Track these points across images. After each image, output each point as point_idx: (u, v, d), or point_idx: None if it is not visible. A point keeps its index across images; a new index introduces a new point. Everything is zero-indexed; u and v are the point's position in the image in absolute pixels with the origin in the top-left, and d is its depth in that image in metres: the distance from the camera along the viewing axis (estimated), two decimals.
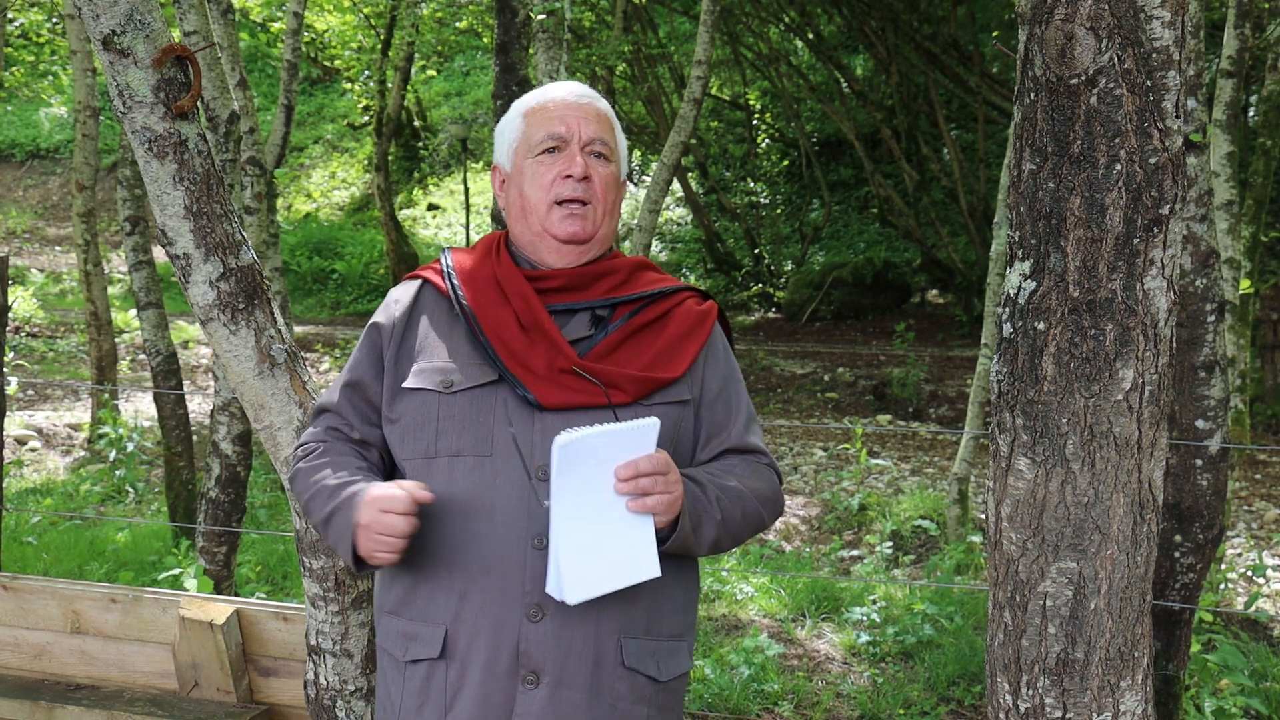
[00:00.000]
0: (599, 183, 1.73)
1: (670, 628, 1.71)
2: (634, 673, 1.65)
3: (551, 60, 5.79)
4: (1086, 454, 1.45)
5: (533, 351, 1.65)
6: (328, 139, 21.30)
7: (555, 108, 1.75)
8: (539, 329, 1.67)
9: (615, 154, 1.77)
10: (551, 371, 1.64)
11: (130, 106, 1.86)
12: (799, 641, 4.71)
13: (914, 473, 7.93)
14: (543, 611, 1.59)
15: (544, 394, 1.62)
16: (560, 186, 1.71)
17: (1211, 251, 2.75)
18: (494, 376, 1.65)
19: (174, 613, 2.45)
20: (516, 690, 1.60)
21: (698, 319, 1.76)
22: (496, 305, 1.70)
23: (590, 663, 1.61)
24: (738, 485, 1.70)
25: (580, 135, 1.73)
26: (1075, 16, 1.38)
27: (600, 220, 1.74)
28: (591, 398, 1.64)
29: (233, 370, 2.01)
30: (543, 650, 1.59)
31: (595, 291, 1.73)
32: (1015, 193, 1.48)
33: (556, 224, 1.71)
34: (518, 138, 1.77)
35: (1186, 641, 2.86)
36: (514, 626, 1.59)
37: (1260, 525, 6.63)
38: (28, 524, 6.18)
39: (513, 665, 1.59)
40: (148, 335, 5.82)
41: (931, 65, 13.29)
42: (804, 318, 13.95)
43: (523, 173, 1.75)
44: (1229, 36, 5.09)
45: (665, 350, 1.71)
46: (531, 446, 1.61)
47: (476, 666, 1.60)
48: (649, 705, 1.67)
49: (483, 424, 1.63)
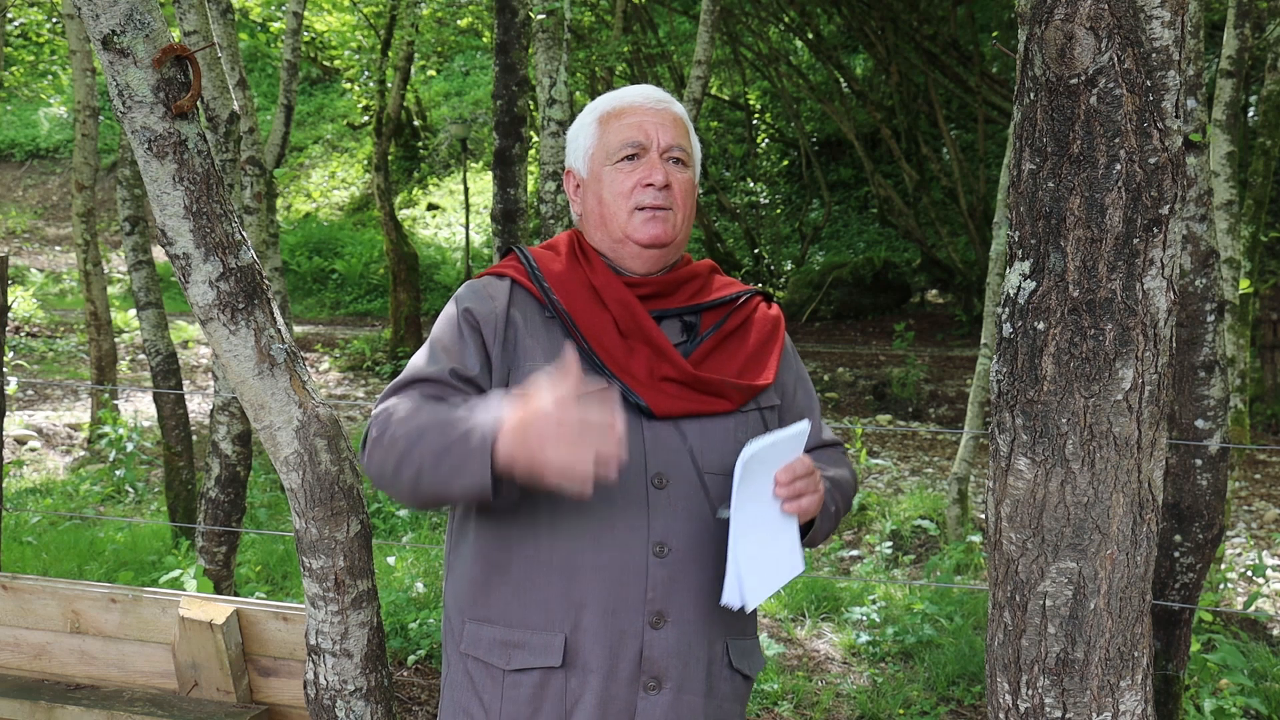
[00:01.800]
0: (678, 189, 1.73)
1: (753, 626, 1.77)
2: (736, 673, 1.69)
3: (551, 60, 5.79)
4: (1086, 454, 1.45)
5: (633, 358, 1.65)
6: (328, 139, 21.31)
7: (633, 113, 1.74)
8: (641, 336, 1.67)
9: (692, 159, 1.77)
10: (654, 379, 1.64)
11: (130, 106, 1.86)
12: (799, 641, 4.71)
13: (914, 473, 7.93)
14: (664, 619, 1.60)
15: (654, 402, 1.63)
16: (641, 194, 1.70)
17: (1211, 251, 2.75)
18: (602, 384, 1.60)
19: (174, 613, 2.45)
20: (638, 697, 1.61)
21: (773, 325, 1.80)
22: (594, 311, 1.68)
23: (705, 666, 1.64)
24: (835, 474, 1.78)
25: (659, 142, 1.72)
26: (1075, 16, 1.38)
27: (680, 224, 1.73)
28: (698, 405, 1.65)
29: (233, 370, 2.01)
30: (665, 656, 1.61)
31: (680, 297, 1.74)
32: (1015, 193, 1.48)
33: (639, 228, 1.70)
34: (593, 144, 1.76)
35: (1186, 641, 2.86)
36: (637, 634, 1.60)
37: (1260, 525, 6.63)
38: (27, 524, 6.18)
39: (634, 672, 1.60)
40: (147, 335, 5.82)
41: (931, 65, 13.30)
42: (804, 318, 13.95)
43: (601, 179, 1.74)
44: (1229, 36, 5.09)
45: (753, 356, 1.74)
46: (644, 454, 1.61)
47: (598, 674, 1.60)
48: (740, 703, 1.73)
49: None
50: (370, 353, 12.25)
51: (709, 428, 1.64)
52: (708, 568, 1.63)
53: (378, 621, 2.16)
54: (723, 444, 1.66)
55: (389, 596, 4.66)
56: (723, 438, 1.66)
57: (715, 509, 1.63)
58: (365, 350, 12.28)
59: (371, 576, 2.15)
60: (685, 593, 1.61)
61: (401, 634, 4.37)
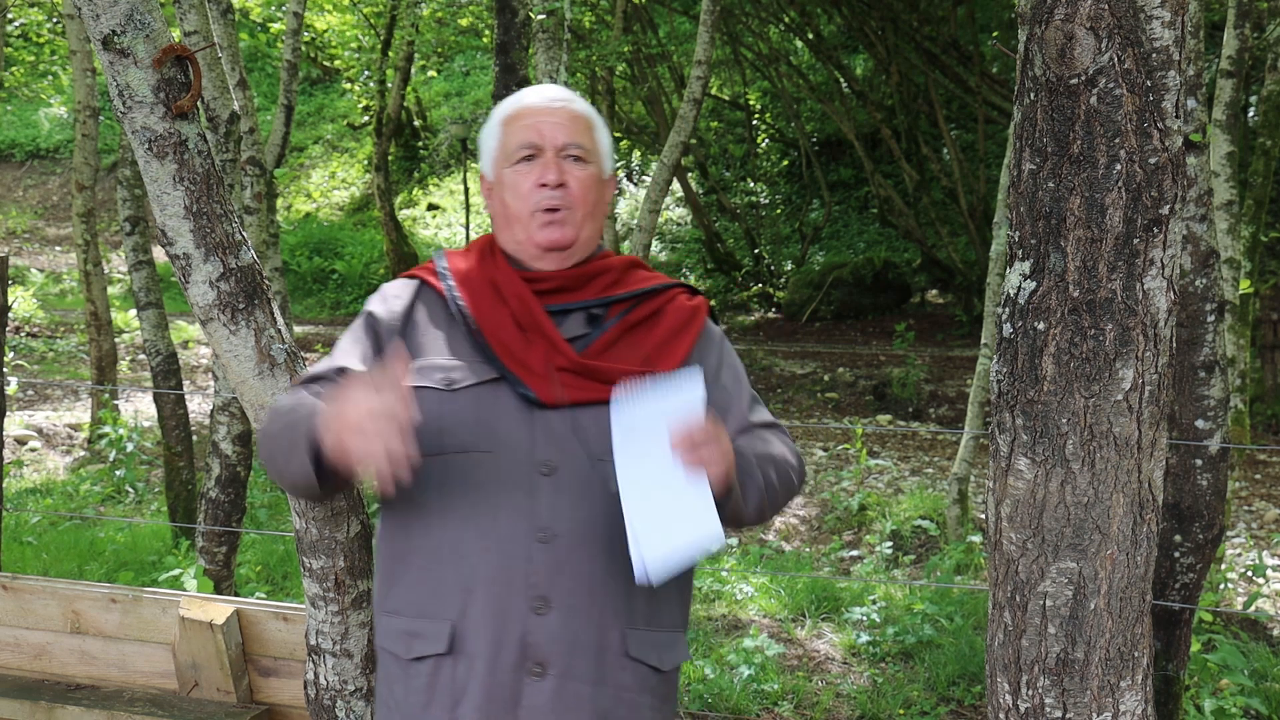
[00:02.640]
0: (576, 187, 1.73)
1: (670, 619, 1.74)
2: (637, 663, 1.67)
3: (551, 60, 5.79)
4: (1086, 454, 1.45)
5: (531, 351, 1.67)
6: (328, 139, 21.30)
7: (529, 114, 1.76)
8: (536, 328, 1.69)
9: (594, 154, 1.77)
10: (549, 369, 1.66)
11: (130, 106, 1.86)
12: (799, 641, 4.71)
13: (914, 473, 7.93)
14: (548, 605, 1.61)
15: (544, 391, 1.65)
16: (537, 195, 1.72)
17: (1211, 251, 2.75)
18: (494, 375, 1.66)
19: (174, 613, 2.45)
20: (523, 683, 1.61)
21: (689, 313, 1.79)
22: (493, 306, 1.71)
23: (595, 654, 1.63)
24: (767, 451, 1.74)
25: (555, 141, 1.74)
26: (1075, 16, 1.38)
27: (581, 224, 1.75)
28: (591, 394, 1.66)
29: (233, 370, 2.01)
30: (549, 643, 1.61)
31: (590, 291, 1.76)
32: (1015, 193, 1.48)
33: (538, 232, 1.73)
34: (496, 146, 1.79)
35: (1186, 641, 2.86)
36: (520, 620, 1.61)
37: (1260, 525, 6.63)
38: (27, 524, 6.18)
39: (519, 658, 1.61)
40: (148, 335, 5.82)
41: (931, 65, 13.30)
42: (804, 318, 13.94)
43: (503, 182, 1.77)
44: (1229, 36, 5.09)
45: (660, 345, 1.74)
46: (533, 443, 1.64)
47: (483, 660, 1.61)
48: (652, 695, 1.71)
49: (484, 422, 1.64)
50: None
51: (603, 416, 1.63)
52: (598, 555, 1.63)
53: None
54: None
55: None
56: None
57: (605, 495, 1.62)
58: None
59: (371, 576, 2.15)
60: (572, 579, 1.61)
61: None
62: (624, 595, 1.65)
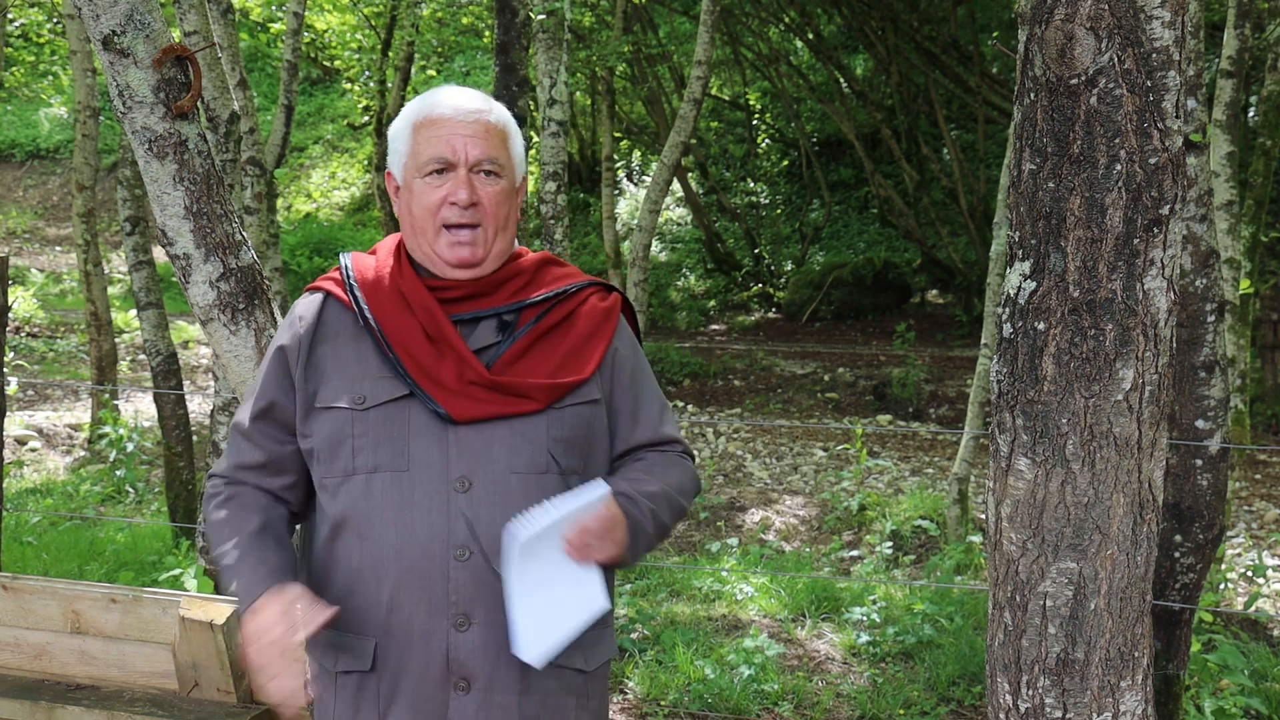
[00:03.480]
0: (488, 202, 1.69)
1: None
2: (561, 669, 1.68)
3: (551, 60, 5.79)
4: (1086, 454, 1.45)
5: (441, 364, 1.65)
6: (328, 139, 21.30)
7: (442, 125, 1.70)
8: (445, 341, 1.67)
9: (507, 167, 1.73)
10: (462, 384, 1.64)
11: (130, 106, 1.86)
12: (799, 641, 4.71)
13: (914, 473, 7.93)
14: (469, 620, 1.62)
15: (455, 408, 1.63)
16: (446, 211, 1.68)
17: (1211, 251, 2.75)
18: (405, 391, 1.64)
19: (174, 613, 2.45)
20: (450, 696, 1.63)
21: (602, 316, 1.76)
22: (402, 317, 1.68)
23: (518, 665, 1.63)
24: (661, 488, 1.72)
25: (467, 157, 1.68)
26: (1075, 16, 1.38)
27: (492, 239, 1.71)
28: (502, 408, 1.64)
29: (233, 370, 2.01)
30: (471, 657, 1.62)
31: (500, 296, 1.72)
32: (1015, 193, 1.48)
33: (445, 249, 1.69)
34: (407, 151, 1.73)
35: (1186, 641, 2.86)
36: (442, 636, 1.62)
37: (1260, 525, 6.63)
38: (27, 524, 6.18)
39: (444, 673, 1.62)
40: (148, 335, 5.82)
41: (931, 65, 13.30)
42: (804, 318, 13.95)
43: (412, 190, 1.72)
44: (1229, 36, 5.09)
45: (572, 351, 1.71)
46: (447, 460, 1.63)
47: (408, 676, 1.63)
48: (576, 695, 1.71)
49: (398, 439, 1.63)
50: None
51: (518, 428, 1.64)
52: None
53: None
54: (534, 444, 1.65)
55: None
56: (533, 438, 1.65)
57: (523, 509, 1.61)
58: None
59: None
60: (492, 594, 1.61)
61: None
62: None
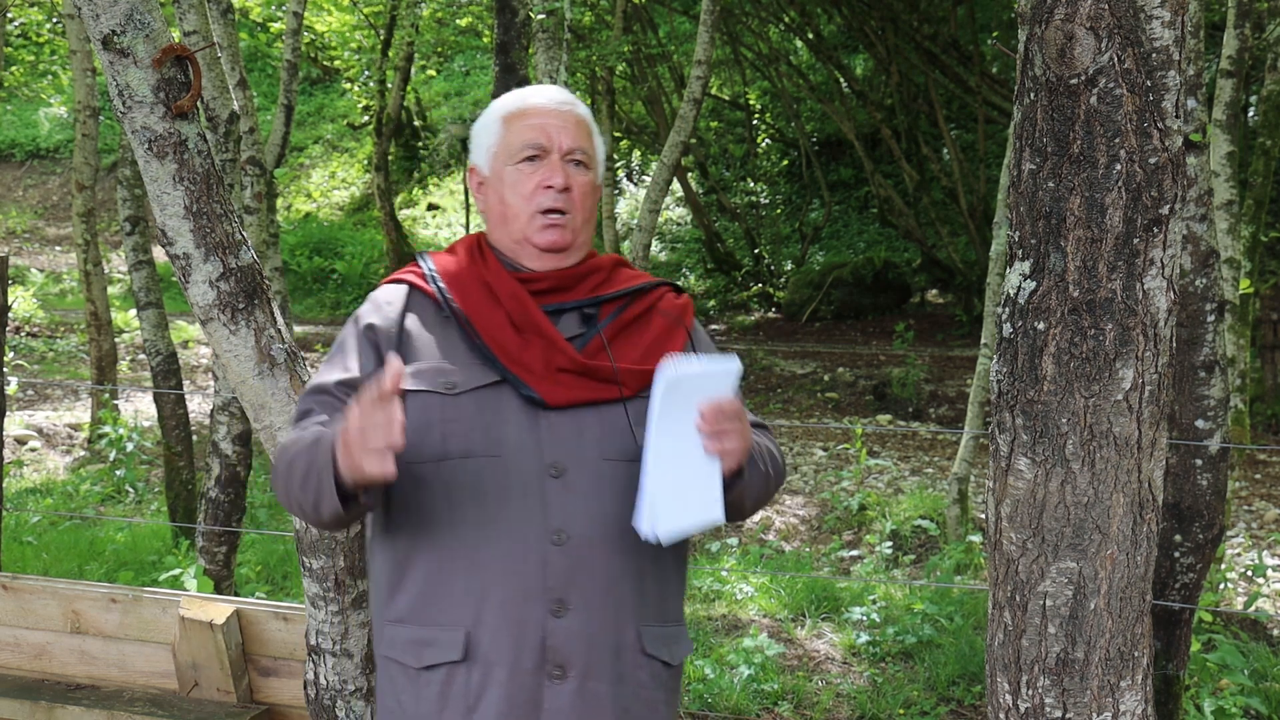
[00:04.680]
0: (578, 192, 1.74)
1: (675, 612, 1.75)
2: (652, 659, 1.68)
3: (551, 60, 5.79)
4: (1086, 454, 1.45)
5: (528, 351, 1.67)
6: (328, 139, 21.30)
7: (535, 114, 1.75)
8: (534, 329, 1.68)
9: (594, 161, 1.78)
10: (550, 370, 1.66)
11: (130, 106, 1.86)
12: (799, 641, 4.71)
13: (914, 473, 7.93)
14: (565, 606, 1.61)
15: (548, 392, 1.64)
16: (541, 196, 1.72)
17: (1211, 251, 2.75)
18: (495, 378, 1.65)
19: (174, 613, 2.45)
20: (543, 686, 1.61)
21: (679, 311, 1.81)
22: (488, 307, 1.70)
23: (612, 653, 1.63)
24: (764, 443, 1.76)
25: (561, 145, 1.73)
26: (1075, 16, 1.38)
27: (579, 228, 1.75)
28: (593, 393, 1.66)
29: (233, 370, 2.01)
30: (568, 644, 1.61)
31: (581, 290, 1.75)
32: (1015, 193, 1.48)
33: (537, 233, 1.72)
34: (496, 143, 1.77)
35: (1186, 641, 2.86)
36: (538, 623, 1.60)
37: (1260, 525, 6.62)
38: (27, 524, 6.18)
39: (539, 661, 1.60)
40: (148, 335, 5.82)
41: (931, 65, 13.30)
42: (804, 318, 13.94)
43: (502, 179, 1.75)
44: (1229, 36, 5.09)
45: (654, 343, 1.74)
46: (539, 445, 1.63)
47: (502, 666, 1.60)
48: (664, 690, 1.71)
49: (489, 425, 1.63)
50: None
51: (607, 415, 1.65)
52: (612, 554, 1.63)
53: None
54: (622, 431, 1.66)
55: None
56: (622, 425, 1.66)
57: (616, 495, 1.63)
58: None
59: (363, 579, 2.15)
60: (588, 580, 1.61)
61: None
62: (637, 592, 1.66)
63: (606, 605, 1.63)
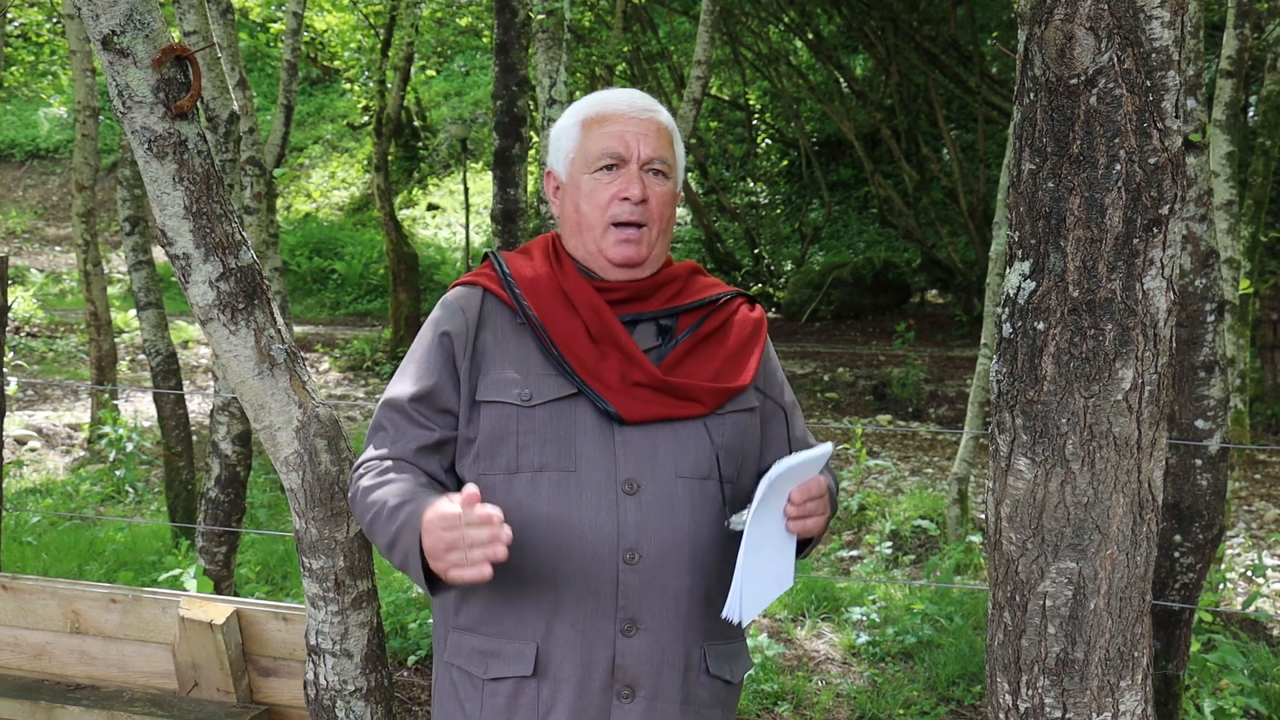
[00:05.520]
0: (655, 203, 1.70)
1: (737, 630, 1.73)
2: (715, 678, 1.67)
3: (551, 60, 5.79)
4: (1086, 454, 1.45)
5: (604, 364, 1.64)
6: (327, 139, 21.30)
7: (615, 120, 1.70)
8: (612, 341, 1.65)
9: (673, 169, 1.74)
10: (625, 384, 1.63)
11: (130, 106, 1.86)
12: (798, 641, 4.71)
13: (914, 473, 7.92)
14: (636, 626, 1.59)
15: (624, 408, 1.61)
16: (617, 208, 1.68)
17: (1211, 251, 2.75)
18: (572, 390, 1.62)
19: (174, 613, 2.45)
20: (611, 705, 1.60)
21: (754, 327, 1.79)
22: (565, 316, 1.66)
23: (681, 673, 1.62)
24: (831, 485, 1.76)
25: (640, 154, 1.69)
26: (1075, 16, 1.38)
27: (655, 241, 1.71)
28: (669, 410, 1.63)
29: (233, 370, 2.01)
30: (638, 664, 1.59)
31: (657, 300, 1.72)
32: (1015, 193, 1.48)
33: (611, 247, 1.69)
34: (574, 148, 1.73)
35: (1186, 641, 2.86)
36: (609, 642, 1.59)
37: (1260, 525, 6.63)
38: (27, 524, 6.18)
39: (608, 680, 1.59)
40: (147, 335, 5.82)
41: (931, 65, 13.30)
42: (804, 318, 13.95)
43: (579, 186, 1.71)
44: (1229, 36, 5.09)
45: (730, 359, 1.72)
46: (614, 461, 1.60)
47: (570, 683, 1.59)
48: (723, 708, 1.70)
49: (564, 438, 1.60)
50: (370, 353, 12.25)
51: (682, 432, 1.63)
52: (681, 574, 1.61)
53: (378, 622, 2.16)
54: (697, 448, 1.64)
55: (389, 597, 4.66)
56: (697, 442, 1.64)
57: (689, 514, 1.62)
58: (365, 350, 12.28)
59: (371, 577, 2.15)
60: (658, 599, 1.60)
61: (401, 634, 4.37)
62: (704, 612, 1.64)
63: (676, 625, 1.61)
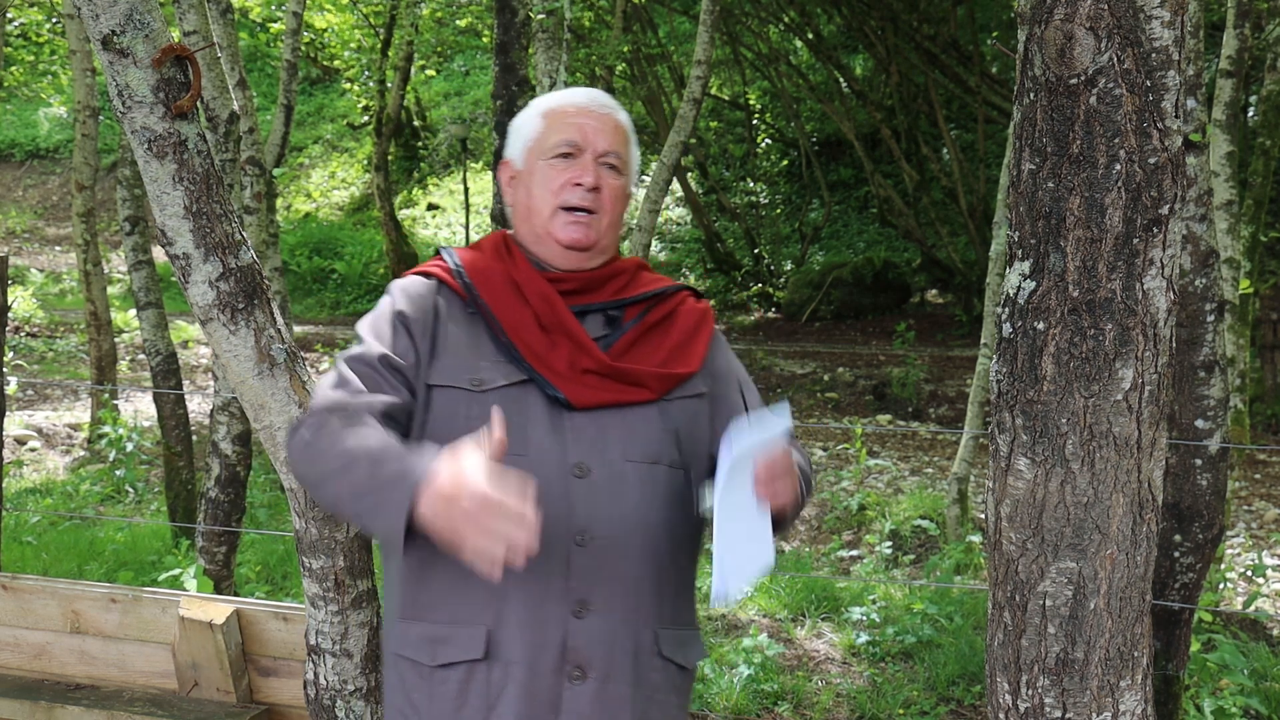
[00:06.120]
0: (608, 194, 1.74)
1: (690, 616, 1.77)
2: (668, 662, 1.68)
3: (551, 60, 5.79)
4: (1086, 454, 1.45)
5: (554, 352, 1.67)
6: (327, 139, 21.30)
7: (575, 113, 1.76)
8: (562, 330, 1.69)
9: (627, 167, 1.79)
10: (574, 371, 1.66)
11: (130, 106, 1.86)
12: (798, 641, 4.71)
13: (914, 473, 7.92)
14: (586, 607, 1.61)
15: (574, 394, 1.65)
16: (569, 193, 1.72)
17: (1211, 251, 2.75)
18: (522, 377, 1.65)
19: (174, 613, 2.45)
20: (563, 687, 1.60)
21: (700, 315, 1.82)
22: (516, 305, 1.70)
23: (632, 655, 1.63)
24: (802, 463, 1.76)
25: (596, 146, 1.74)
26: (1075, 16, 1.38)
27: (604, 230, 1.75)
28: (618, 395, 1.66)
29: (233, 370, 2.01)
30: (589, 646, 1.61)
31: (606, 292, 1.76)
32: (1015, 193, 1.48)
33: (560, 229, 1.73)
34: (533, 137, 1.78)
35: (1186, 641, 2.86)
36: (560, 624, 1.60)
37: (1260, 525, 6.63)
38: (27, 524, 6.18)
39: (559, 662, 1.60)
40: (147, 335, 5.82)
41: (931, 65, 13.30)
42: (804, 318, 13.95)
43: (533, 173, 1.76)
44: (1229, 36, 5.09)
45: (677, 346, 1.75)
46: (564, 446, 1.63)
47: (521, 665, 1.60)
48: (677, 693, 1.72)
49: (515, 424, 1.61)
50: None
51: (631, 417, 1.66)
52: (634, 556, 1.63)
53: (378, 621, 2.16)
54: (646, 433, 1.67)
55: None
56: (646, 426, 1.67)
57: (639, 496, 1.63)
58: None
59: (372, 576, 2.15)
60: (609, 580, 1.61)
61: None
62: (656, 595, 1.66)
63: (627, 607, 1.63)
